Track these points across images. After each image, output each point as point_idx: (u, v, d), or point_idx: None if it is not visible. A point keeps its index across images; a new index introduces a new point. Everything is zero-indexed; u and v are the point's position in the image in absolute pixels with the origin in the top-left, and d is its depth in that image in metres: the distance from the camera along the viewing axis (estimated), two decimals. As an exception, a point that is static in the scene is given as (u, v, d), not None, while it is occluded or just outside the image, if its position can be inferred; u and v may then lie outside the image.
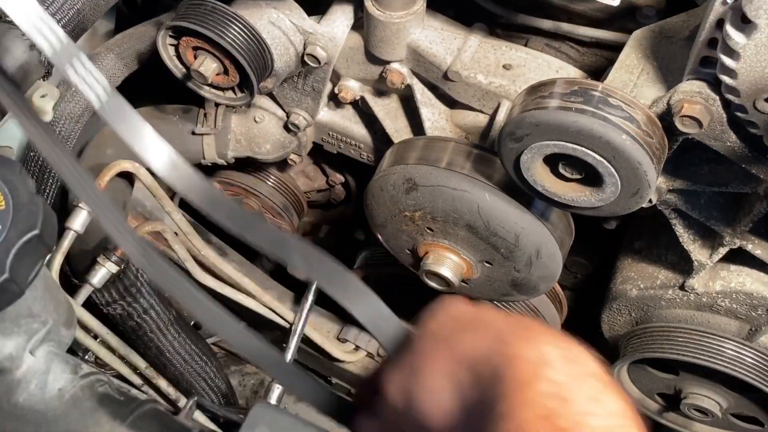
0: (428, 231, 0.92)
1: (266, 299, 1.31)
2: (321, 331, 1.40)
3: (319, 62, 1.00)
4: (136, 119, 0.55)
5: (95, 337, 1.22)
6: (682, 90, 0.70)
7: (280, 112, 1.14)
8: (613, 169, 0.71)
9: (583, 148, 0.70)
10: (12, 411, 0.89)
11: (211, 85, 0.98)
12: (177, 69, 0.99)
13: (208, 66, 0.94)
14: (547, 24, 0.98)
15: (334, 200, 1.44)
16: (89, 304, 1.23)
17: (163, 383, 1.25)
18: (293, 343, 1.33)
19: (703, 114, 0.69)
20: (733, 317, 0.95)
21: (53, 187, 1.11)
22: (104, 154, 1.11)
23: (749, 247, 0.87)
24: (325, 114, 1.13)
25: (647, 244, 1.01)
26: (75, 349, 1.28)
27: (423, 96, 1.00)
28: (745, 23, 0.60)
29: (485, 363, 0.44)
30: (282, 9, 0.98)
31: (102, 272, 1.21)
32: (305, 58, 1.00)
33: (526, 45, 0.99)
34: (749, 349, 0.92)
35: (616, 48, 0.84)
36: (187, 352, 1.33)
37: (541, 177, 0.77)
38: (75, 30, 0.89)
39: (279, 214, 1.34)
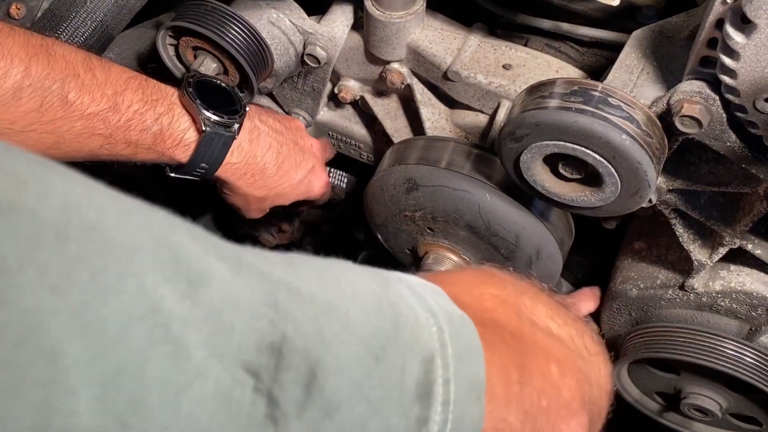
0: (428, 231, 0.92)
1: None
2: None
3: (319, 62, 1.00)
4: None
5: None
6: (681, 90, 0.70)
7: (280, 112, 1.14)
8: (612, 169, 0.71)
9: (583, 148, 0.70)
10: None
11: (211, 85, 0.98)
12: (177, 69, 0.99)
13: (208, 66, 0.94)
14: (546, 24, 0.98)
15: (334, 200, 1.44)
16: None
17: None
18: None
19: (703, 114, 0.69)
20: (733, 317, 0.95)
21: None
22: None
23: (749, 247, 0.86)
24: (325, 114, 1.14)
25: (647, 244, 1.01)
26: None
27: (423, 96, 1.00)
28: (745, 23, 0.60)
29: None
30: (282, 9, 0.98)
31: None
32: (305, 58, 1.00)
33: (525, 45, 0.99)
34: (749, 349, 0.92)
35: (616, 48, 0.84)
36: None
37: (540, 177, 0.77)
38: (100, 40, 0.91)
39: (279, 213, 1.34)
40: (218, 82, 0.91)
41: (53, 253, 0.25)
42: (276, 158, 0.93)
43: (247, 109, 0.91)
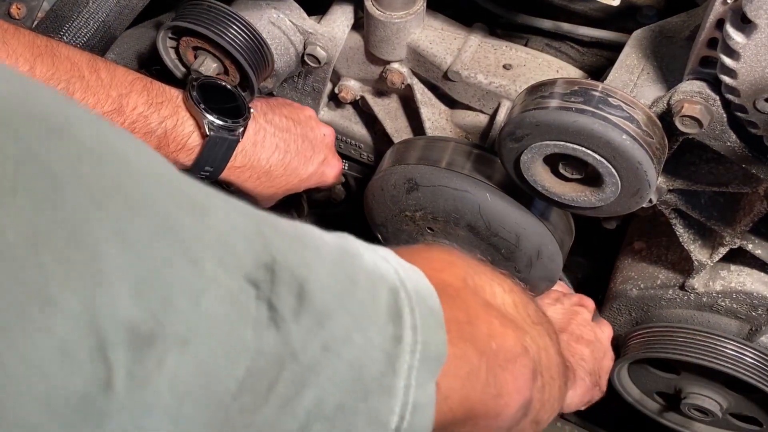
0: (428, 231, 0.92)
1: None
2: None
3: (319, 62, 1.00)
4: None
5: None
6: (682, 90, 0.70)
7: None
8: (613, 169, 0.71)
9: (583, 148, 0.70)
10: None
11: (211, 85, 0.98)
12: (177, 69, 0.99)
13: (209, 66, 0.94)
14: (547, 24, 0.98)
15: (334, 200, 1.44)
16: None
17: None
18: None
19: (704, 114, 0.69)
20: (733, 317, 0.95)
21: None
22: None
23: (749, 247, 0.86)
24: (325, 114, 1.14)
25: (647, 244, 1.01)
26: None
27: (423, 96, 1.00)
28: (745, 23, 0.60)
29: None
30: (282, 9, 0.99)
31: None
32: (305, 58, 1.00)
33: (526, 45, 0.99)
34: (750, 349, 0.92)
35: (616, 48, 0.84)
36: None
37: (541, 177, 0.77)
38: (103, 40, 0.91)
39: (279, 213, 1.34)
40: (223, 83, 0.90)
41: (93, 172, 0.29)
42: (282, 159, 0.93)
43: (252, 111, 0.91)
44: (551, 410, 0.55)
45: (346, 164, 1.19)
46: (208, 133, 0.84)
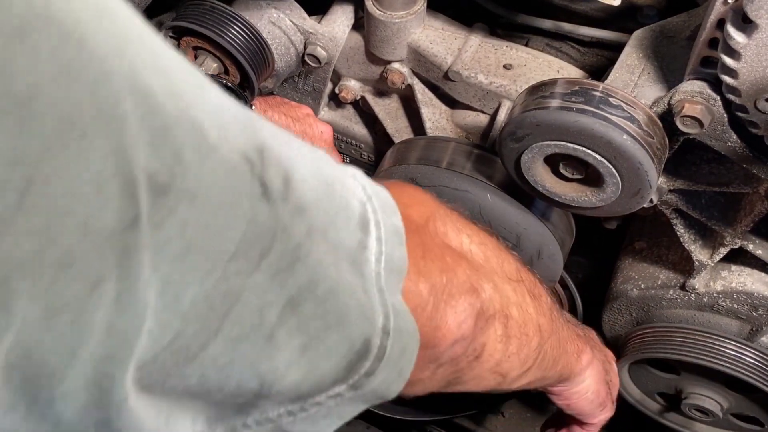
0: (429, 231, 0.92)
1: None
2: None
3: (320, 62, 1.00)
4: None
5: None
6: (683, 90, 0.70)
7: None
8: (613, 169, 0.71)
9: (584, 148, 0.70)
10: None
11: (212, 85, 0.98)
12: (177, 69, 0.99)
13: (209, 66, 0.94)
14: (547, 24, 0.98)
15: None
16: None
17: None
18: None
19: (704, 114, 0.69)
20: (734, 317, 0.95)
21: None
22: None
23: (750, 248, 0.86)
24: (326, 114, 1.14)
25: (648, 244, 1.01)
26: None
27: (424, 96, 1.00)
28: (745, 23, 0.60)
29: None
30: (282, 9, 0.99)
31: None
32: (306, 58, 1.00)
33: (526, 45, 0.99)
34: (750, 350, 0.92)
35: (617, 48, 0.84)
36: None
37: (541, 177, 0.77)
38: None
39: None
40: (223, 82, 0.91)
41: (112, 26, 0.29)
42: None
43: (253, 108, 0.91)
44: (522, 366, 0.56)
45: (347, 159, 1.20)
46: None
